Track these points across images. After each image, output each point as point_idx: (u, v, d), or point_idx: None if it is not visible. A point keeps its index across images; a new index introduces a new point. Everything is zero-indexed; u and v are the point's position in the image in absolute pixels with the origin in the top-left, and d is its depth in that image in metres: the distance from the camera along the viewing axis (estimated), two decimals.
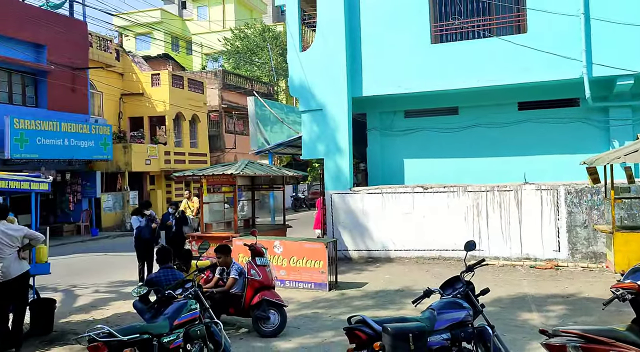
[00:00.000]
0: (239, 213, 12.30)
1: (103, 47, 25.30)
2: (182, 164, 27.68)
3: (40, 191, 8.29)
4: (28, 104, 20.79)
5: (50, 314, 7.98)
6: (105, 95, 26.00)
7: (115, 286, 11.80)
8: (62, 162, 20.82)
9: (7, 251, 7.09)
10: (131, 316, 9.02)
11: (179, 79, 28.25)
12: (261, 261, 7.78)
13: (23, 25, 19.76)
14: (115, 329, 4.81)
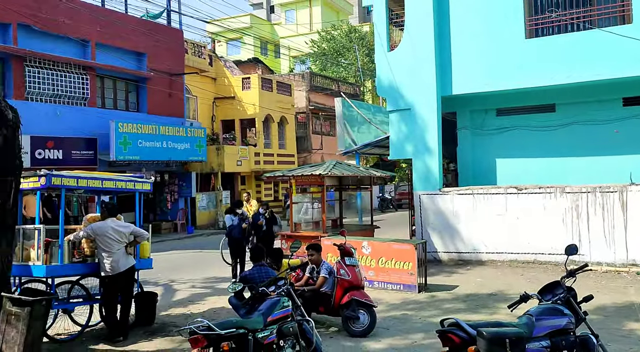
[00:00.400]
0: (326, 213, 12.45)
1: (197, 53, 26.52)
2: (271, 165, 28.40)
3: (143, 191, 8.81)
4: (130, 109, 22.22)
5: (152, 307, 8.47)
6: (200, 100, 27.22)
7: (210, 281, 12.31)
8: (161, 164, 22.03)
9: (116, 246, 7.62)
10: (226, 311, 9.37)
11: (268, 82, 29.01)
12: (350, 261, 7.82)
13: (126, 36, 21.13)
14: (214, 323, 5.02)
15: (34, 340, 6.45)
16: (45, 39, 18.52)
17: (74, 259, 7.84)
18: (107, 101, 21.31)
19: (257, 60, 34.81)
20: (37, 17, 17.85)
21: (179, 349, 7.36)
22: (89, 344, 7.55)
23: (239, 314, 6.64)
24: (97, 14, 20.30)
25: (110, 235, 7.62)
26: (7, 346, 6.34)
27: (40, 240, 7.34)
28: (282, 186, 29.76)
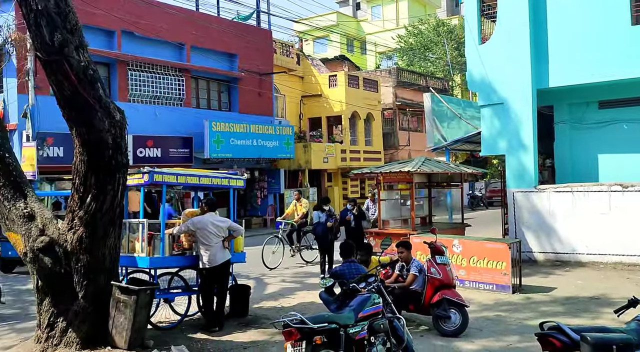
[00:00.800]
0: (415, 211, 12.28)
1: (285, 53, 27.04)
2: (357, 162, 28.43)
3: (237, 187, 9.13)
4: (223, 109, 23.09)
5: (246, 300, 8.76)
6: (288, 98, 27.76)
7: (300, 276, 12.53)
8: (251, 161, 22.73)
9: (214, 240, 7.96)
10: (315, 305, 9.51)
11: (354, 79, 29.04)
12: (441, 260, 7.68)
13: (219, 38, 21.97)
14: (306, 316, 5.11)
15: (139, 326, 6.89)
16: (145, 44, 19.65)
17: (173, 251, 8.27)
18: (201, 101, 22.28)
19: (343, 57, 34.93)
20: (138, 24, 18.96)
21: (271, 341, 7.56)
22: (187, 332, 7.94)
23: (329, 309, 6.71)
24: (192, 18, 21.25)
25: (209, 229, 7.96)
26: (116, 330, 6.81)
27: (144, 233, 7.81)
28: (368, 183, 29.69)
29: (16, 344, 7.43)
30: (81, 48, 6.51)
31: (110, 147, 6.66)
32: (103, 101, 6.61)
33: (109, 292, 6.94)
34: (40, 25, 6.19)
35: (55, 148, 16.66)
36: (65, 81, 6.33)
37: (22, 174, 7.22)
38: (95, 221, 6.72)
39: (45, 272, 6.78)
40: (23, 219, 6.86)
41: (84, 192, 6.70)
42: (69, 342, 6.74)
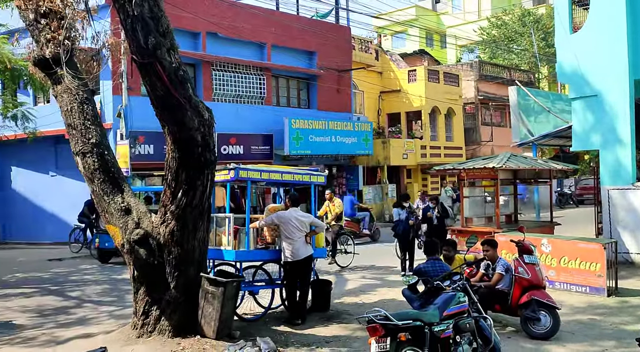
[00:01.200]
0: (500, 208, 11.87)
1: (364, 49, 26.97)
2: (437, 158, 27.87)
3: (318, 184, 9.23)
4: (302, 106, 23.39)
5: (327, 294, 8.85)
6: (366, 94, 27.67)
7: (380, 273, 12.49)
8: (330, 158, 22.85)
9: (297, 234, 8.11)
10: (396, 303, 9.44)
11: (434, 74, 28.48)
12: (529, 259, 7.39)
13: (298, 36, 22.26)
14: (391, 313, 5.09)
15: (226, 317, 7.15)
16: (228, 44, 20.24)
17: (257, 245, 8.50)
18: (281, 99, 22.68)
19: (423, 51, 34.34)
20: (222, 25, 19.57)
21: (353, 336, 7.59)
22: (271, 324, 8.13)
23: (412, 306, 6.65)
24: (273, 17, 21.67)
25: (293, 223, 8.12)
26: (205, 320, 7.10)
27: (230, 227, 8.08)
28: (449, 180, 29.05)
29: (115, 329, 7.92)
30: (172, 50, 6.83)
31: (199, 145, 6.94)
32: (193, 101, 6.90)
33: (198, 283, 7.25)
34: (135, 30, 6.55)
35: (146, 146, 17.55)
36: (158, 82, 6.66)
37: (119, 170, 7.68)
38: (186, 215, 7.03)
39: (140, 263, 7.18)
40: (120, 212, 7.30)
41: (176, 187, 7.02)
42: (162, 330, 7.10)
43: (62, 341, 7.70)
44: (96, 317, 9.10)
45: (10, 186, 20.78)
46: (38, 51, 7.85)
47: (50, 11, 7.76)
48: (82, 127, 7.53)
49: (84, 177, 7.61)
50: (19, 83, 13.77)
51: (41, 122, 15.69)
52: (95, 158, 7.40)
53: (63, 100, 7.72)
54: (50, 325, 8.61)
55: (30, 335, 8.04)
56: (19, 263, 14.97)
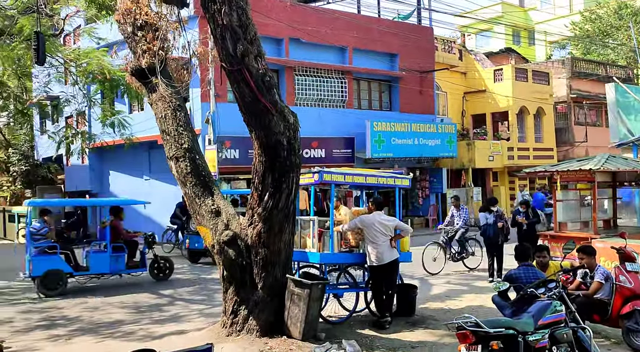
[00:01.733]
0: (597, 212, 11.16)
1: (447, 49, 26.40)
2: (525, 160, 26.73)
3: (403, 187, 9.12)
4: (383, 108, 23.26)
5: (412, 299, 8.72)
6: (449, 95, 27.07)
7: (466, 278, 12.15)
8: (412, 160, 22.55)
9: (381, 238, 8.06)
10: (484, 309, 9.15)
11: (522, 72, 27.37)
12: (632, 267, 6.91)
13: (379, 39, 22.18)
14: (482, 320, 4.92)
15: (312, 319, 7.22)
16: (310, 49, 20.52)
17: (341, 248, 8.52)
18: (362, 102, 22.68)
19: (509, 50, 33.10)
20: (304, 31, 19.88)
21: (439, 342, 7.43)
22: (356, 327, 8.13)
23: (503, 314, 6.39)
24: (354, 21, 21.73)
25: (377, 227, 8.08)
26: (291, 321, 7.21)
27: (314, 230, 8.15)
28: (538, 183, 27.78)
29: (205, 327, 8.23)
30: (259, 57, 7.01)
31: (285, 149, 7.07)
32: (279, 105, 7.04)
33: (284, 284, 7.38)
34: (225, 38, 6.79)
35: (232, 150, 18.14)
36: (246, 88, 6.86)
37: (209, 174, 7.98)
38: (272, 217, 7.18)
39: (229, 263, 7.41)
40: (211, 214, 7.57)
41: (262, 190, 7.19)
42: (250, 330, 7.29)
43: (157, 337, 8.10)
44: (187, 314, 9.49)
45: (109, 189, 22.20)
46: (135, 62, 8.34)
47: (146, 24, 8.23)
48: (175, 133, 7.90)
49: (177, 181, 7.97)
50: (116, 92, 14.69)
51: (136, 128, 16.63)
52: (188, 162, 7.74)
53: (157, 107, 8.14)
54: (145, 321, 9.09)
55: (129, 330, 8.52)
56: None
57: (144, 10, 8.27)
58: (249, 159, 18.23)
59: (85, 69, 13.24)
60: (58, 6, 13.47)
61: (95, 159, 21.82)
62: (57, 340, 8.06)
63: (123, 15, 8.38)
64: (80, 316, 9.52)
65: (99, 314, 9.58)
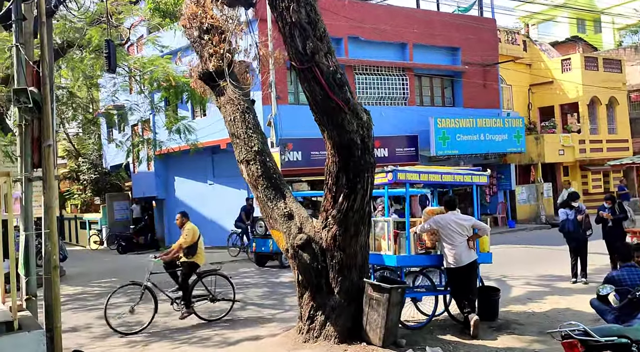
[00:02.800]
0: None
1: (511, 40, 25.42)
2: (598, 153, 25.39)
3: (480, 184, 8.67)
4: (446, 104, 22.61)
5: (494, 302, 8.25)
6: (514, 88, 26.06)
7: (546, 279, 11.50)
8: (479, 157, 21.77)
9: (458, 239, 7.65)
10: (571, 313, 8.58)
11: (592, 61, 26.02)
12: None
13: (440, 33, 21.56)
14: (590, 328, 4.48)
15: (392, 324, 6.91)
16: (369, 46, 20.18)
17: (418, 250, 8.16)
18: (424, 99, 22.11)
19: (576, 38, 31.60)
20: (362, 29, 19.56)
21: (528, 349, 6.98)
22: (436, 333, 7.74)
23: (604, 319, 5.89)
24: (413, 15, 21.23)
25: (453, 227, 7.68)
26: (370, 327, 6.93)
27: (390, 231, 7.84)
28: (613, 176, 26.32)
29: (279, 332, 8.07)
30: (329, 54, 6.78)
31: (359, 148, 6.81)
32: (351, 103, 6.79)
33: (362, 288, 7.10)
34: (294, 36, 6.60)
35: (294, 152, 18.04)
36: (317, 86, 6.64)
37: (280, 176, 7.82)
38: (347, 219, 6.93)
39: (304, 268, 7.21)
40: (284, 217, 7.40)
41: (336, 191, 6.95)
42: (328, 336, 7.06)
43: (232, 342, 8.02)
44: (260, 319, 9.38)
45: (174, 194, 22.63)
46: (202, 66, 8.30)
47: (212, 27, 8.17)
48: (245, 136, 7.79)
49: (248, 184, 7.86)
50: (181, 98, 14.88)
51: (199, 134, 16.81)
52: (259, 165, 7.61)
53: (226, 110, 8.06)
54: (220, 326, 9.04)
55: (204, 335, 8.49)
56: None
57: (210, 14, 8.22)
58: (311, 161, 18.36)
59: (150, 76, 13.46)
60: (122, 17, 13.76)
61: (161, 165, 22.28)
62: (135, 346, 8.11)
63: (189, 20, 8.36)
64: (155, 321, 9.57)
65: (173, 320, 9.61)
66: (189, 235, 9.14)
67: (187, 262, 9.18)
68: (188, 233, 9.14)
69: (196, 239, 9.22)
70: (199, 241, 9.27)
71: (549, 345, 7.01)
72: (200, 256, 9.34)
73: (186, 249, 9.15)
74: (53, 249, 5.55)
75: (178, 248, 9.11)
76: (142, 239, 22.14)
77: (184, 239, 9.11)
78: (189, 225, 9.29)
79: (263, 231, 14.66)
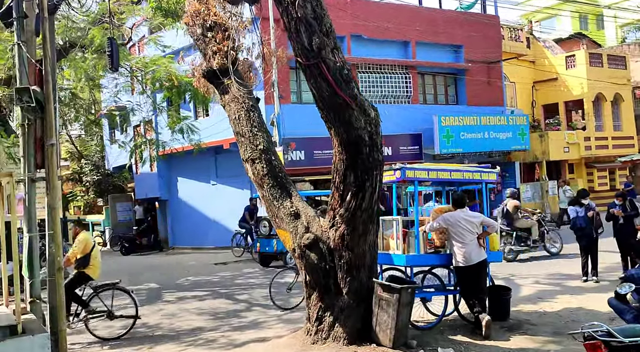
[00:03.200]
0: None
1: (514, 38, 25.27)
2: (604, 150, 25.23)
3: (489, 181, 8.53)
4: (450, 102, 22.43)
5: (506, 302, 8.10)
6: (518, 85, 25.89)
7: (555, 278, 11.34)
8: (483, 155, 21.59)
9: (468, 237, 7.51)
10: (584, 312, 8.44)
11: (596, 57, 25.84)
12: None
13: (443, 31, 21.39)
14: (614, 328, 4.33)
15: (402, 325, 6.77)
16: (372, 45, 20.02)
17: (427, 249, 8.02)
18: (427, 97, 21.94)
19: (580, 34, 31.41)
20: (365, 27, 19.41)
21: (542, 349, 6.83)
22: (447, 334, 7.60)
23: (623, 319, 5.75)
24: (416, 13, 21.08)
25: (462, 225, 7.55)
26: (380, 328, 6.79)
27: (398, 230, 7.70)
28: (619, 173, 26.14)
29: (286, 334, 7.94)
30: (336, 49, 6.66)
31: (367, 145, 6.68)
32: (358, 99, 6.67)
33: (370, 288, 6.97)
34: (299, 32, 6.47)
35: (297, 152, 17.90)
36: (324, 83, 6.51)
37: (286, 175, 7.68)
38: (356, 218, 6.79)
39: (312, 268, 7.07)
40: (290, 217, 7.26)
41: (344, 190, 6.81)
42: (337, 337, 6.92)
43: (239, 344, 7.89)
44: (266, 320, 9.25)
45: (177, 195, 22.52)
46: (206, 63, 8.16)
47: (215, 24, 8.03)
48: (250, 134, 7.66)
49: (254, 183, 7.73)
50: (184, 98, 14.74)
51: (202, 134, 16.66)
52: (264, 164, 7.47)
53: (231, 109, 7.92)
54: (225, 328, 8.91)
55: (210, 337, 8.36)
56: (190, 267, 16.02)
57: (213, 11, 8.09)
58: (314, 161, 18.20)
59: (153, 76, 13.32)
60: (124, 16, 13.64)
61: (163, 166, 22.17)
62: (141, 348, 7.99)
63: (192, 17, 8.23)
64: (160, 323, 9.47)
65: (178, 321, 9.49)
66: (79, 246, 8.56)
67: (78, 272, 8.65)
68: (78, 244, 8.58)
69: (88, 250, 8.63)
70: (92, 252, 8.68)
71: (564, 346, 6.88)
72: (94, 268, 8.73)
73: (78, 260, 8.59)
74: (57, 250, 5.43)
75: (66, 260, 8.41)
76: (145, 240, 22.03)
77: (72, 250, 8.59)
78: (82, 235, 8.79)
79: (267, 231, 14.53)
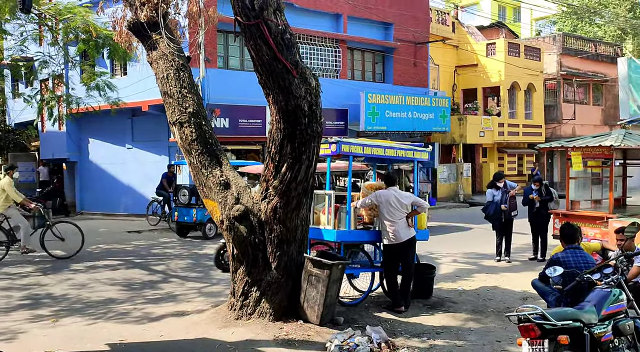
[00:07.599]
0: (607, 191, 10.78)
1: (441, 21, 25.69)
2: (515, 137, 26.50)
3: (421, 160, 8.52)
4: (377, 80, 22.53)
5: (429, 280, 8.19)
6: (441, 68, 26.47)
7: (472, 257, 11.71)
8: (405, 134, 21.94)
9: (398, 215, 7.46)
10: (500, 291, 8.75)
11: (514, 47, 26.90)
12: None
13: (375, 7, 21.32)
14: (548, 311, 4.38)
15: (331, 301, 6.65)
16: (303, 14, 19.53)
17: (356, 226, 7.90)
18: (355, 73, 21.89)
19: (500, 24, 32.55)
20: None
21: (464, 327, 6.95)
22: (372, 310, 7.57)
23: (546, 301, 5.91)
24: None
25: (393, 203, 7.48)
26: (308, 304, 6.61)
27: (331, 205, 7.51)
28: (527, 160, 27.61)
29: (207, 308, 7.58)
30: (278, 11, 6.25)
31: (306, 115, 6.38)
32: (299, 66, 6.32)
33: (300, 264, 6.78)
34: None
35: (222, 119, 17.25)
36: (264, 46, 6.10)
37: (217, 142, 7.22)
38: (290, 191, 6.50)
39: (240, 241, 6.73)
40: (219, 186, 6.85)
41: (280, 161, 6.49)
42: (262, 313, 6.67)
43: (155, 318, 7.42)
44: (184, 293, 8.82)
45: (88, 157, 21.12)
46: (132, 15, 7.46)
47: None
48: (178, 96, 7.11)
49: (181, 149, 7.21)
50: (102, 53, 13.63)
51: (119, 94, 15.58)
52: (193, 128, 6.97)
53: (159, 67, 7.30)
54: (140, 300, 8.39)
55: (123, 310, 7.83)
56: (101, 234, 15.09)
57: None
58: (239, 130, 17.60)
59: (67, 25, 12.14)
60: None
61: (73, 125, 20.62)
62: (43, 321, 7.32)
63: None
64: (66, 294, 8.76)
65: (87, 292, 8.84)
66: None
67: None
68: None
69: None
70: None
71: (483, 324, 7.07)
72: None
73: None
74: None
75: None
76: (49, 203, 20.52)
77: None
78: None
79: (187, 200, 13.94)
